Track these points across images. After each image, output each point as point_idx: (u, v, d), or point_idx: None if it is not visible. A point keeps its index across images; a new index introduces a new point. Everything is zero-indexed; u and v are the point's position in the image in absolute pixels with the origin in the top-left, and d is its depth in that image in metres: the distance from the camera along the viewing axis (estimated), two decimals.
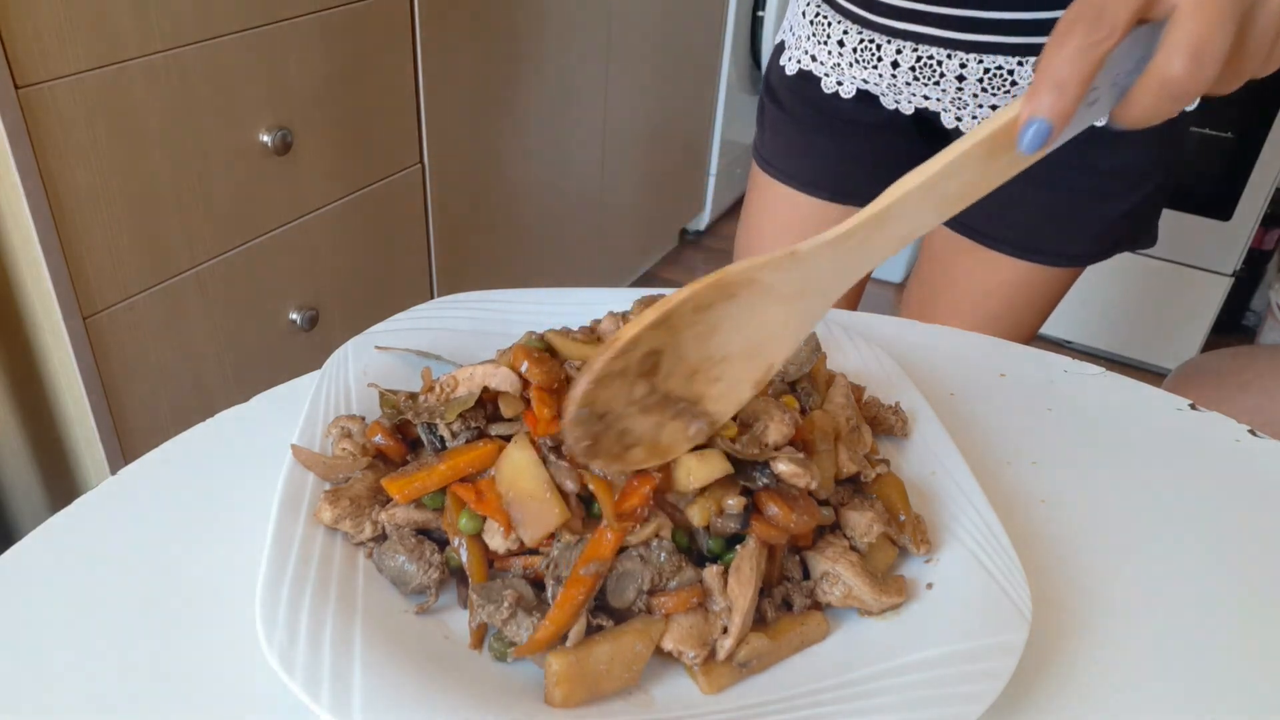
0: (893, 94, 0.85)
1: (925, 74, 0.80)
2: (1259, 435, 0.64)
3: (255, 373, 1.27)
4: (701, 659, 0.43)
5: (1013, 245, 0.86)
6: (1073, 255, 0.86)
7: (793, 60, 0.91)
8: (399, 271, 1.49)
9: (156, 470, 0.55)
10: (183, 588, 0.48)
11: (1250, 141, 1.91)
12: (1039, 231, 0.85)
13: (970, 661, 0.42)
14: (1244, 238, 2.01)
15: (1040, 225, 0.85)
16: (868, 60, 0.83)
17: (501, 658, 0.43)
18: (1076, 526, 0.55)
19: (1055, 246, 0.85)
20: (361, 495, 0.48)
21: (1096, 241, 0.85)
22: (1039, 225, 0.85)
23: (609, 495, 0.45)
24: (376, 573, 0.46)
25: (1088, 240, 0.85)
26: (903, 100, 0.85)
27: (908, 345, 0.71)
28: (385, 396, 0.53)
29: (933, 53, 0.78)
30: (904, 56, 0.80)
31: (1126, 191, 0.82)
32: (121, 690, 0.42)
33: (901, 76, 0.82)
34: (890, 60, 0.81)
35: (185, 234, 1.11)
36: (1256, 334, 2.23)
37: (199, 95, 1.07)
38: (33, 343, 1.04)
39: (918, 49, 0.79)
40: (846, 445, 0.52)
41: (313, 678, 0.38)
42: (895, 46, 0.80)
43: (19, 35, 0.88)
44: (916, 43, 0.78)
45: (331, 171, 1.29)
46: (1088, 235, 0.85)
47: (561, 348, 0.53)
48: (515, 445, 0.46)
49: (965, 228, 0.89)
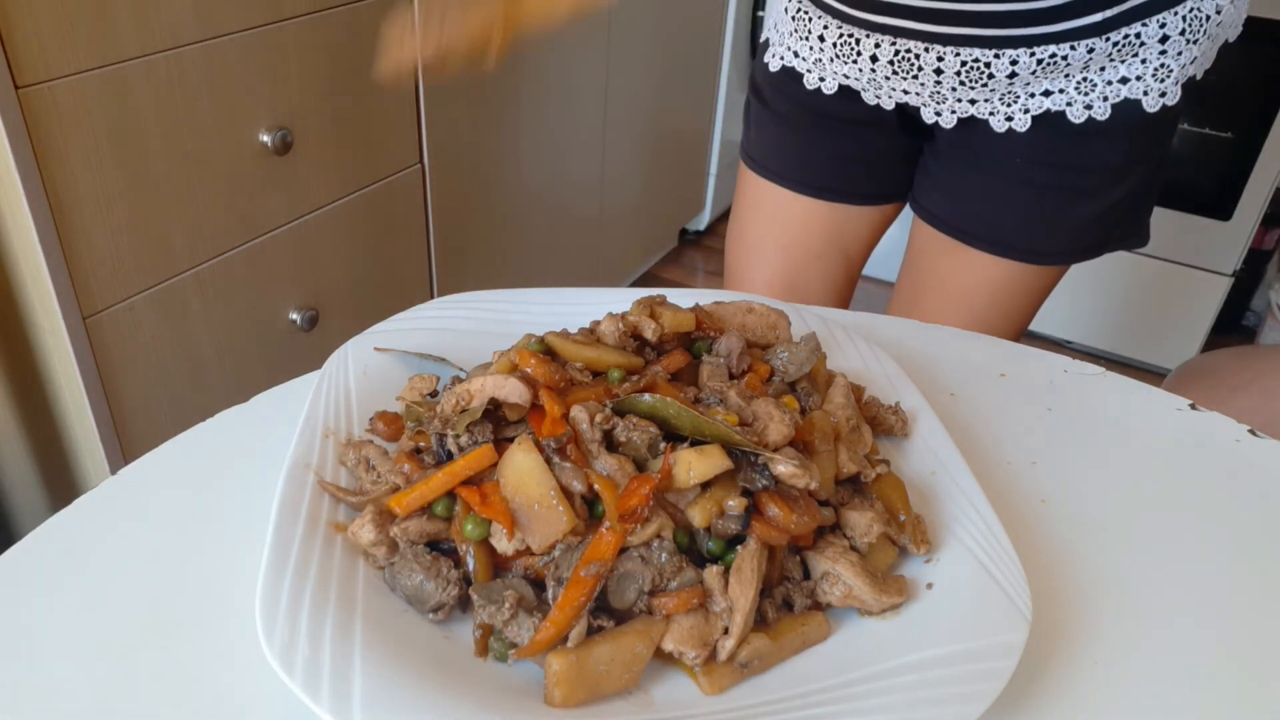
0: (873, 89, 0.85)
1: (904, 68, 0.80)
2: (1259, 435, 0.64)
3: (255, 373, 1.27)
4: (702, 659, 0.43)
5: (993, 243, 0.86)
6: (1053, 253, 0.86)
7: (775, 57, 0.91)
8: (399, 271, 1.49)
9: (156, 470, 0.55)
10: (183, 588, 0.48)
11: (1250, 141, 1.91)
12: (1018, 230, 0.85)
13: (970, 661, 0.42)
14: (1244, 238, 2.01)
15: (1019, 223, 0.85)
16: (847, 55, 0.83)
17: (502, 658, 0.43)
18: (1076, 526, 0.55)
19: (1034, 244, 0.85)
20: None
21: (1077, 239, 0.85)
22: (1018, 223, 0.85)
23: (614, 495, 0.45)
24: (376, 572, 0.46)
25: (1067, 238, 0.85)
26: (883, 95, 0.85)
27: (908, 345, 0.71)
28: (410, 409, 0.53)
29: (910, 46, 0.78)
30: (882, 50, 0.80)
31: (1105, 188, 0.82)
32: (121, 690, 0.42)
33: (881, 71, 0.82)
34: (869, 54, 0.81)
35: (185, 234, 1.11)
36: (1256, 334, 2.23)
37: (199, 95, 1.07)
38: (33, 343, 1.04)
39: (895, 43, 0.79)
40: (846, 445, 0.52)
41: (313, 678, 0.38)
42: (874, 40, 0.80)
43: (19, 35, 0.88)
44: (895, 36, 0.78)
45: (331, 172, 1.29)
46: (1067, 233, 0.85)
47: (561, 350, 0.53)
48: (519, 448, 0.46)
49: (947, 226, 0.89)
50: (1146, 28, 0.73)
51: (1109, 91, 0.76)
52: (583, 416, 0.47)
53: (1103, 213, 0.83)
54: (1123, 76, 0.75)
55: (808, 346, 0.56)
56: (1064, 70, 0.75)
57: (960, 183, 0.87)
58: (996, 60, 0.76)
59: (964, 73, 0.77)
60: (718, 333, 0.58)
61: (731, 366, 0.55)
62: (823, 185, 0.94)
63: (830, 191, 0.94)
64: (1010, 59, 0.75)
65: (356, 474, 0.51)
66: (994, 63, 0.76)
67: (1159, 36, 0.73)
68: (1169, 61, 0.75)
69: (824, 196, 0.95)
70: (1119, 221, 0.85)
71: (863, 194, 0.95)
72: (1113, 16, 0.72)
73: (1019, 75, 0.76)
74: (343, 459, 0.52)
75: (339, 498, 0.49)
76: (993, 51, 0.75)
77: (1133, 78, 0.75)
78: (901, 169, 0.94)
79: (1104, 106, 0.77)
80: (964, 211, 0.88)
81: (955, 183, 0.88)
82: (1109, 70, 0.75)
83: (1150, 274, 2.14)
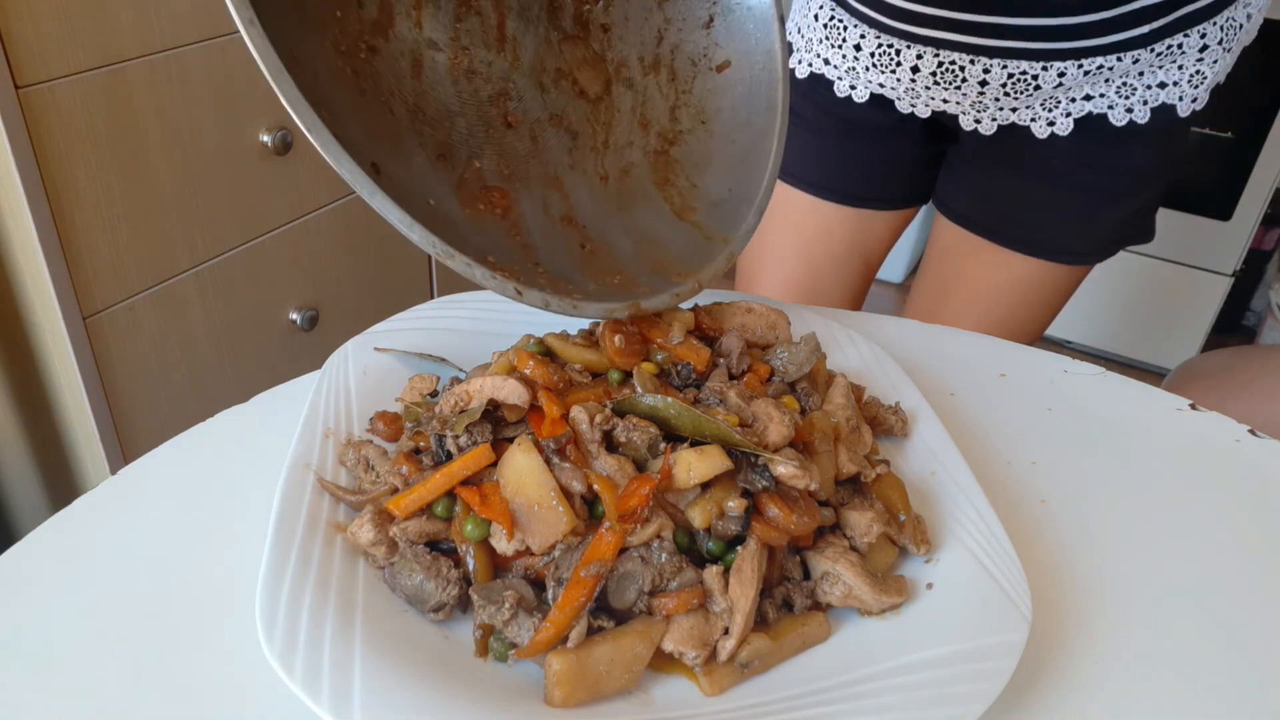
0: (909, 98, 0.84)
1: (946, 79, 0.79)
2: (1259, 435, 0.64)
3: (255, 373, 1.27)
4: (702, 660, 0.43)
5: (1026, 244, 0.87)
6: (1084, 253, 0.87)
7: (803, 63, 0.91)
8: (399, 271, 1.49)
9: (156, 470, 0.55)
10: (183, 588, 0.48)
11: (1250, 141, 1.91)
12: (1052, 230, 0.86)
13: (970, 661, 0.42)
14: (1244, 238, 2.01)
15: (1054, 224, 0.85)
16: (886, 65, 0.83)
17: (502, 659, 0.43)
18: (1076, 526, 0.55)
19: (1068, 245, 0.86)
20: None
21: (1104, 238, 0.86)
22: (1053, 224, 0.85)
23: (614, 496, 0.45)
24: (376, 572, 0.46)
25: (1097, 238, 0.86)
26: (919, 104, 0.84)
27: (908, 345, 0.71)
28: (409, 410, 0.53)
29: (955, 58, 0.78)
30: (925, 61, 0.80)
31: (1138, 189, 0.83)
32: (121, 690, 0.42)
33: (921, 81, 0.81)
34: (910, 65, 0.81)
35: (185, 234, 1.11)
36: (1256, 334, 2.23)
37: (199, 95, 1.07)
38: (33, 343, 1.04)
39: (939, 54, 0.78)
40: (846, 446, 0.52)
41: (313, 678, 0.38)
42: (916, 51, 0.79)
43: (19, 35, 0.88)
44: (938, 48, 0.78)
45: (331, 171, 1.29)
46: (1098, 233, 0.86)
47: (561, 351, 0.53)
48: (519, 448, 0.46)
49: (978, 226, 0.89)
50: (1188, 38, 0.74)
51: (1148, 96, 0.77)
52: (582, 417, 0.47)
53: (1133, 213, 0.85)
54: (1161, 81, 0.76)
55: (808, 346, 0.56)
56: (1106, 77, 0.76)
57: (992, 184, 0.87)
58: (1044, 72, 0.76)
59: (1010, 84, 0.77)
60: (717, 333, 0.58)
61: (731, 367, 0.55)
62: (846, 191, 0.94)
63: (853, 197, 0.94)
64: (1058, 70, 0.75)
65: (356, 474, 0.51)
66: (1041, 75, 0.76)
67: (1199, 46, 0.75)
68: (1204, 68, 0.76)
69: (846, 202, 0.94)
70: (1139, 220, 0.87)
71: (885, 199, 0.95)
72: (1159, 28, 0.73)
73: (1065, 85, 0.76)
74: (343, 459, 0.52)
75: (339, 497, 0.49)
76: (1040, 64, 0.75)
77: (1170, 83, 0.76)
78: (925, 172, 0.93)
79: (1144, 110, 0.77)
80: (996, 212, 0.88)
81: (986, 184, 0.88)
82: (1148, 75, 0.76)
83: (1150, 274, 2.14)
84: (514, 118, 0.59)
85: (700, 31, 0.61)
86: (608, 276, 0.56)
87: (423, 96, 0.55)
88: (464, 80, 0.57)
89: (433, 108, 0.56)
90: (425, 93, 0.56)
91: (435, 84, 0.56)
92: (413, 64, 0.55)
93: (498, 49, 0.58)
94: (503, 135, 0.58)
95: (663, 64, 0.62)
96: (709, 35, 0.61)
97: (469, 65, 0.57)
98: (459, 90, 0.57)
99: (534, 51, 0.59)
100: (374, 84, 0.53)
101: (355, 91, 0.52)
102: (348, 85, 0.51)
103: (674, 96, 0.62)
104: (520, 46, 0.59)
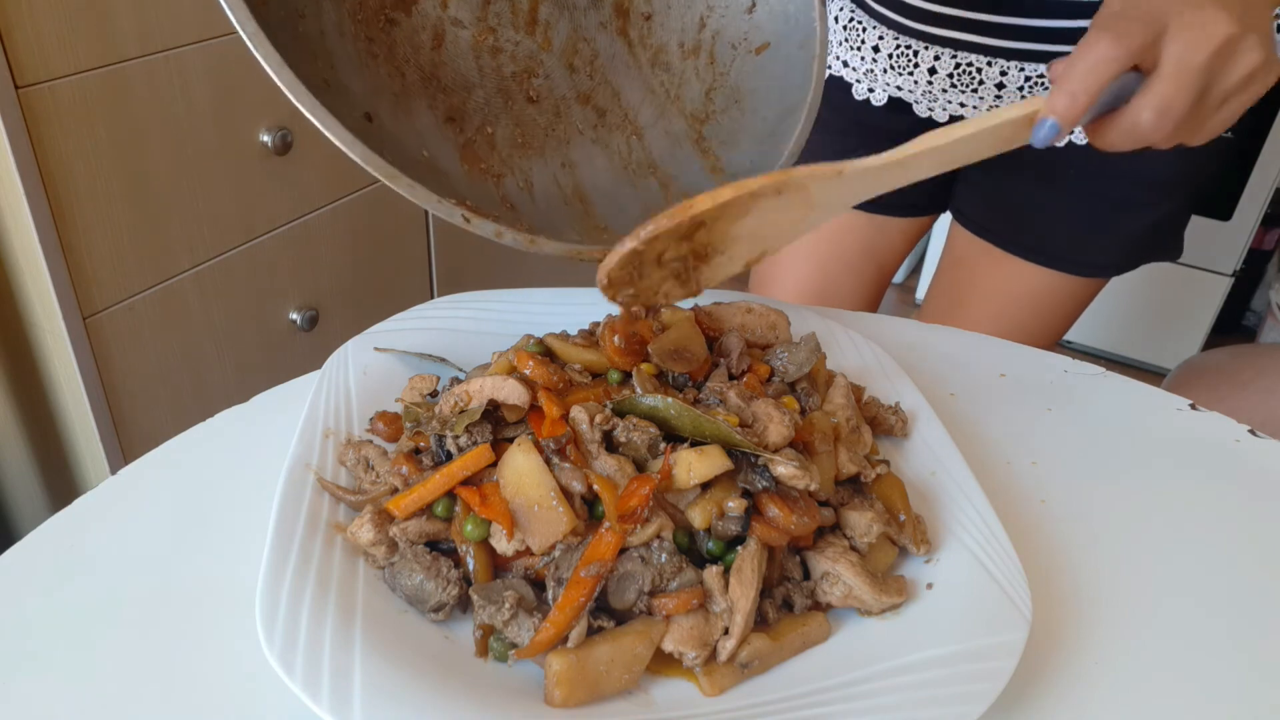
0: (927, 101, 0.84)
1: (963, 81, 0.79)
2: (1259, 435, 0.64)
3: (255, 373, 1.27)
4: (702, 660, 0.43)
5: (1042, 254, 0.86)
6: (1101, 265, 0.86)
7: None
8: (399, 271, 1.49)
9: (156, 470, 0.55)
10: (183, 588, 0.48)
11: (1250, 141, 1.91)
12: (1069, 241, 0.85)
13: (970, 661, 0.42)
14: (1244, 238, 2.01)
15: (1071, 235, 0.84)
16: (903, 66, 0.82)
17: (502, 658, 0.43)
18: (1076, 526, 0.55)
19: (1085, 256, 0.85)
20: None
21: (1124, 252, 0.85)
22: (1069, 235, 0.84)
23: (614, 496, 0.44)
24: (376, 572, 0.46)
25: (1117, 251, 0.85)
26: (937, 108, 0.84)
27: (908, 345, 0.71)
28: (409, 410, 0.53)
29: (972, 60, 0.78)
30: (942, 63, 0.79)
31: (1159, 201, 0.81)
32: (121, 690, 0.42)
33: (938, 84, 0.81)
34: (927, 67, 0.80)
35: (185, 234, 1.11)
36: (1256, 334, 2.23)
37: (199, 95, 1.07)
38: (33, 343, 1.04)
39: (956, 55, 0.78)
40: (846, 446, 0.52)
41: (313, 678, 0.38)
42: (933, 53, 0.79)
43: (19, 35, 0.88)
44: (956, 49, 0.78)
45: (331, 171, 1.29)
46: (1117, 246, 0.84)
47: (561, 351, 0.53)
48: (519, 449, 0.46)
49: (995, 235, 0.88)
50: None
51: None
52: (582, 417, 0.47)
53: (1153, 225, 0.83)
54: None
55: (807, 347, 0.56)
56: None
57: (1008, 193, 0.86)
58: None
59: (1027, 88, 0.77)
60: (717, 333, 0.58)
61: (731, 367, 0.55)
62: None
63: (869, 203, 0.93)
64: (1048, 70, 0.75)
65: (356, 474, 0.51)
66: None
67: None
68: None
69: (866, 208, 0.93)
70: (1164, 234, 0.85)
71: (902, 206, 0.94)
72: None
73: None
74: (342, 459, 0.52)
75: (339, 497, 0.49)
76: None
77: None
78: (942, 179, 0.92)
79: None
80: (1012, 221, 0.87)
81: (1003, 193, 0.87)
82: None
83: (1150, 274, 2.14)
84: (537, 93, 0.59)
85: (743, 16, 0.61)
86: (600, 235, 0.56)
87: (440, 66, 0.56)
88: (487, 56, 0.58)
89: (450, 77, 0.57)
90: (443, 64, 0.57)
91: (455, 56, 0.57)
92: (434, 37, 0.56)
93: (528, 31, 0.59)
94: (523, 108, 0.59)
95: (703, 49, 0.62)
96: (751, 19, 0.61)
97: (494, 44, 0.58)
98: (480, 64, 0.58)
99: (567, 36, 0.60)
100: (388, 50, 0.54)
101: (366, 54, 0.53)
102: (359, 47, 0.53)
103: (711, 79, 0.62)
104: (553, 30, 0.59)
